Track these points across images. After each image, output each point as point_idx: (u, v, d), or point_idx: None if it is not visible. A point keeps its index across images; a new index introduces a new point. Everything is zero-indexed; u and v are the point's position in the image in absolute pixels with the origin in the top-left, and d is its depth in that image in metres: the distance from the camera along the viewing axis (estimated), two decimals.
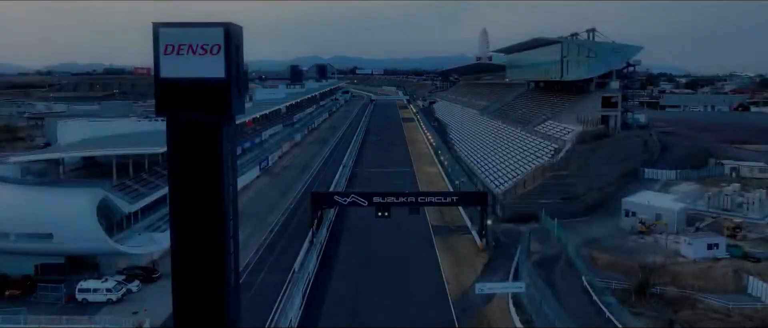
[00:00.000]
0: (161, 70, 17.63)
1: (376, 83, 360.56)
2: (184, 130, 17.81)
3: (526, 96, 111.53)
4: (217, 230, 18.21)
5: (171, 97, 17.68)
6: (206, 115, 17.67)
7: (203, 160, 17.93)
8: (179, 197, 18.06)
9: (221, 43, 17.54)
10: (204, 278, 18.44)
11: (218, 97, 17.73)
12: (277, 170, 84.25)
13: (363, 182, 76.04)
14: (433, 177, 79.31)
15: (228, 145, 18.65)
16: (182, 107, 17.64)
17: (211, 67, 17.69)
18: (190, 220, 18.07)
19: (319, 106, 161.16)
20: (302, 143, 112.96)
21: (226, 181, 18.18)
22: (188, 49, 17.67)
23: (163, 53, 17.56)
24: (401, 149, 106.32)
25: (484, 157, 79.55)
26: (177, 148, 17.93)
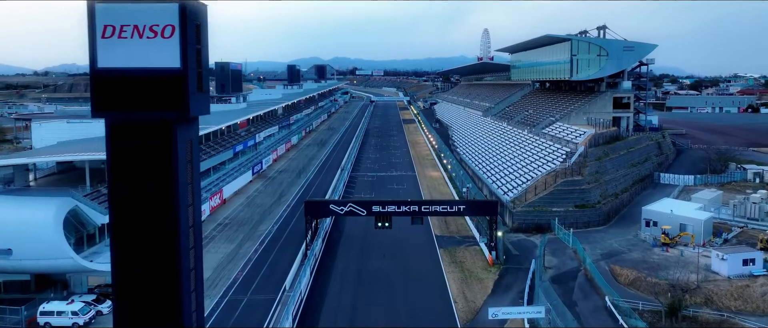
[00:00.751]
0: (98, 59, 13.59)
1: (376, 84, 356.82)
2: (128, 135, 13.76)
3: (532, 97, 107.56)
4: (169, 262, 14.20)
5: (111, 92, 13.62)
6: (156, 116, 13.64)
7: (152, 175, 13.88)
8: (122, 221, 14.03)
9: (175, 24, 13.47)
10: (154, 324, 14.47)
11: (171, 92, 13.65)
12: (272, 174, 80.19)
13: (362, 186, 72.03)
14: (436, 182, 75.27)
15: (184, 153, 14.56)
16: (125, 106, 13.57)
17: (163, 55, 13.62)
18: (136, 251, 14.05)
19: (318, 108, 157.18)
20: (299, 146, 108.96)
21: (181, 200, 14.11)
22: (133, 31, 13.58)
23: (100, 37, 13.52)
24: (402, 152, 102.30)
25: (489, 162, 75.51)
26: (119, 159, 13.87)
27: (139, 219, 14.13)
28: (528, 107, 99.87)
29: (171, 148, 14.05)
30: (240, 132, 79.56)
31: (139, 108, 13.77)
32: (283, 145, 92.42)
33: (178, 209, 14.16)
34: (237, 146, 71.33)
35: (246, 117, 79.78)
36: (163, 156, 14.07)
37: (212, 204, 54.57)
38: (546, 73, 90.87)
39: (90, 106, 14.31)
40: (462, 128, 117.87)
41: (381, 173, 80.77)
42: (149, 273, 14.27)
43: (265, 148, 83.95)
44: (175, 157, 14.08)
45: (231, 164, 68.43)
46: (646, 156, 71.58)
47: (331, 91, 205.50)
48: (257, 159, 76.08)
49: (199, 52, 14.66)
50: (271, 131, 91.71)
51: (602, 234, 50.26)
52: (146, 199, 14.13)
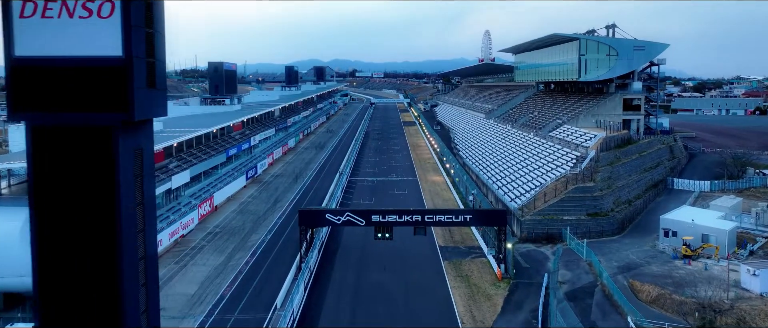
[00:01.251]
0: (15, 44, 10.35)
1: (375, 86, 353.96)
2: (55, 142, 10.49)
3: (536, 98, 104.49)
4: (109, 309, 11.09)
5: (32, 88, 10.30)
6: (91, 119, 10.44)
7: (86, 193, 10.75)
8: (47, 254, 10.89)
9: (115, 0, 10.38)
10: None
11: (111, 88, 10.46)
12: (267, 178, 77.03)
13: (362, 192, 68.87)
14: (438, 187, 72.10)
15: (130, 166, 11.32)
16: (51, 105, 10.25)
17: (100, 40, 10.27)
18: (64, 292, 10.95)
19: (316, 110, 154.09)
20: (297, 149, 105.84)
21: (124, 226, 10.94)
22: (61, 8, 10.35)
23: (17, 15, 10.34)
24: (403, 155, 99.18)
25: (494, 166, 72.36)
26: (44, 173, 10.64)
27: (68, 250, 10.87)
28: (532, 109, 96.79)
29: (111, 160, 10.78)
30: (234, 135, 76.44)
31: (69, 108, 10.46)
32: (280, 148, 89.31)
33: (119, 237, 10.95)
34: (230, 150, 68.19)
35: (240, 119, 76.65)
36: (100, 170, 10.77)
37: (201, 212, 51.42)
38: (552, 74, 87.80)
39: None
40: (464, 131, 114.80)
41: (381, 178, 77.63)
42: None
43: (261, 152, 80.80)
44: (116, 171, 10.79)
45: (224, 169, 65.30)
46: (658, 160, 68.45)
47: (329, 92, 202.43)
48: (252, 163, 72.92)
49: (150, 38, 11.36)
50: (267, 134, 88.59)
51: (617, 245, 47.11)
52: (80, 224, 10.89)
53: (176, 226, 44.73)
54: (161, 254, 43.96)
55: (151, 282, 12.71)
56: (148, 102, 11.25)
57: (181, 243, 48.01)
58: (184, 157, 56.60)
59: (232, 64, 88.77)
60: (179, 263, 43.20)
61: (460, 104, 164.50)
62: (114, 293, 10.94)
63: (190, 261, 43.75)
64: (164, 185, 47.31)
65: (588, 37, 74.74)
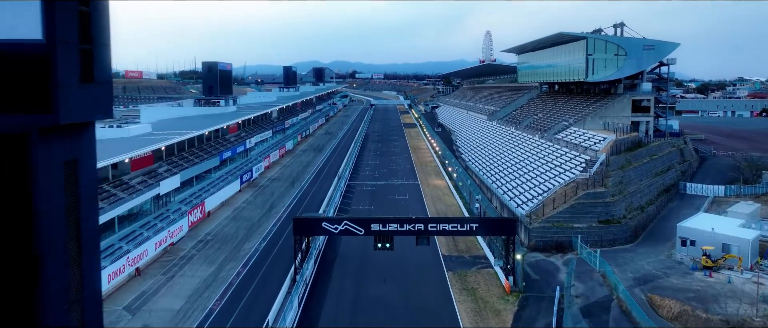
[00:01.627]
0: None
1: (376, 88, 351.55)
2: None
3: (540, 100, 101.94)
4: None
5: None
6: (3, 123, 7.82)
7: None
8: None
9: None
10: None
11: (27, 82, 7.86)
12: (264, 182, 74.45)
13: (361, 197, 66.27)
14: (440, 191, 69.51)
15: (58, 182, 8.84)
16: None
17: (15, 20, 7.82)
18: None
19: (315, 111, 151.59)
20: (294, 151, 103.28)
21: (47, 260, 8.43)
22: None
23: None
24: (404, 158, 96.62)
25: (498, 169, 69.79)
26: None
27: None
28: (537, 111, 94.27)
29: (25, 176, 8.07)
30: (229, 137, 73.88)
31: None
32: (277, 151, 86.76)
33: (39, 278, 8.30)
34: (224, 153, 65.59)
35: (235, 121, 74.03)
36: (13, 190, 8.07)
37: (192, 219, 48.83)
38: (557, 75, 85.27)
39: None
40: (466, 133, 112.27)
41: (381, 182, 75.03)
42: None
43: (257, 155, 78.21)
44: (33, 191, 8.12)
45: (217, 173, 62.73)
46: (669, 164, 65.88)
47: (329, 94, 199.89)
48: (247, 167, 70.35)
49: (86, 18, 8.74)
50: (263, 136, 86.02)
51: (631, 254, 44.52)
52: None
53: (164, 234, 42.15)
54: (148, 264, 41.41)
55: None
56: (83, 101, 8.55)
57: (170, 252, 45.45)
58: (174, 161, 54.02)
59: (227, 64, 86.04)
60: (167, 274, 40.62)
61: (461, 106, 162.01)
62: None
63: (178, 272, 41.16)
64: (152, 191, 44.72)
65: (596, 36, 72.24)
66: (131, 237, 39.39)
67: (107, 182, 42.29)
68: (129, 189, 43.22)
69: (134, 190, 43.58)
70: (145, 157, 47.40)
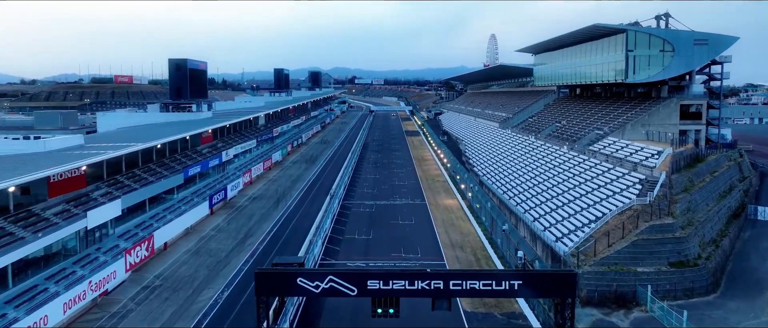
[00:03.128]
0: None
1: (376, 94, 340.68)
2: None
3: (560, 105, 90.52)
4: None
5: None
6: None
7: None
8: None
9: None
10: None
11: None
12: (243, 202, 62.87)
13: (356, 221, 54.73)
14: (453, 215, 57.93)
15: None
16: None
17: None
18: None
19: (310, 118, 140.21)
20: (284, 163, 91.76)
21: None
22: None
23: None
24: (407, 172, 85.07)
25: (522, 187, 58.29)
26: None
27: None
28: (558, 118, 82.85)
29: None
30: (201, 149, 62.32)
31: None
32: (261, 163, 75.09)
33: None
34: (192, 168, 53.97)
35: (206, 129, 62.25)
36: None
37: (134, 259, 37.24)
38: (587, 76, 73.61)
39: None
40: (476, 142, 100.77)
41: (381, 201, 63.45)
42: None
43: (235, 169, 66.51)
44: None
45: (180, 194, 51.16)
46: (730, 182, 54.38)
47: (326, 99, 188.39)
48: (220, 184, 58.77)
49: None
50: (245, 147, 74.42)
51: (720, 311, 32.97)
52: None
53: (82, 286, 30.60)
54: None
55: None
56: None
57: (100, 305, 33.91)
58: (119, 182, 42.45)
59: (200, 62, 74.12)
60: None
61: (467, 112, 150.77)
62: None
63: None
64: (74, 224, 33.17)
65: (638, 28, 60.75)
66: (28, 296, 27.78)
67: (5, 215, 30.75)
68: (40, 223, 31.67)
69: (49, 224, 32.02)
70: (73, 179, 35.87)
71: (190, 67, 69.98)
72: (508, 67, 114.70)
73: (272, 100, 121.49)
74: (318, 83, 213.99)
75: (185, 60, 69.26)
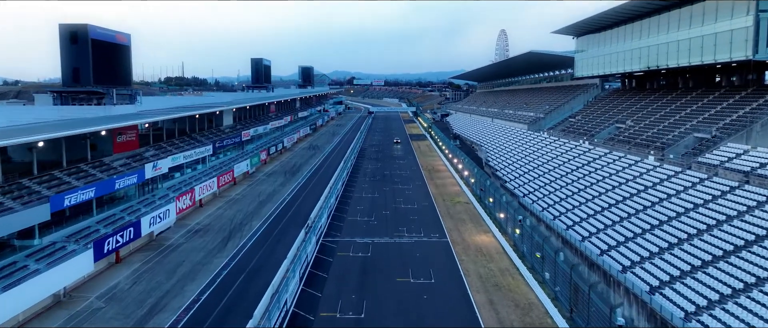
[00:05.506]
0: None
1: (376, 95, 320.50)
2: None
3: (616, 100, 70.00)
4: None
5: None
6: None
7: None
8: None
9: None
10: None
11: None
12: (173, 241, 42.16)
13: (341, 279, 34.12)
14: (495, 266, 37.11)
15: None
16: None
17: None
18: None
19: (298, 119, 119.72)
20: (255, 176, 71.15)
21: None
22: None
23: None
24: (416, 188, 64.37)
25: (602, 221, 37.64)
26: None
27: None
28: (611, 117, 62.36)
29: None
30: (113, 161, 41.57)
31: None
32: (214, 179, 54.25)
33: None
34: (70, 194, 33.11)
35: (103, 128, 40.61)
36: None
37: None
38: (677, 55, 52.13)
39: None
40: (501, 148, 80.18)
41: (380, 238, 42.77)
42: None
43: (165, 194, 45.45)
44: None
45: (48, 237, 30.40)
46: None
47: (318, 97, 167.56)
48: (132, 216, 37.95)
49: None
50: (192, 156, 53.70)
51: None
52: None
53: None
54: None
55: None
56: None
57: None
58: None
59: (115, 32, 52.01)
60: None
61: (480, 113, 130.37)
62: None
63: None
64: None
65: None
66: None
67: None
68: None
69: None
70: None
71: (95, 37, 47.79)
72: (540, 54, 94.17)
73: (244, 97, 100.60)
74: (310, 81, 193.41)
75: (85, 26, 47.30)
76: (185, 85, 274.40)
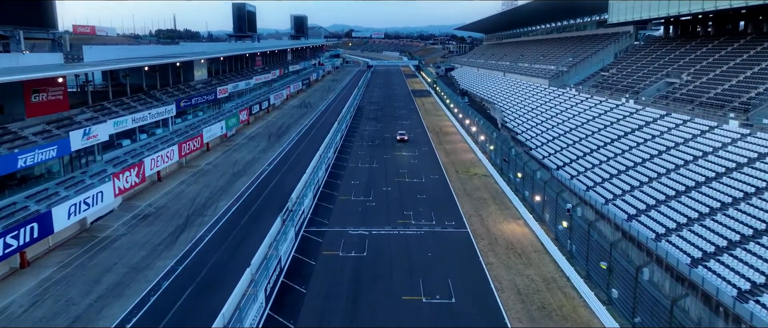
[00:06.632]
0: None
1: (375, 48, 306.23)
2: None
3: (658, 51, 59.21)
4: None
5: None
6: None
7: None
8: None
9: None
10: None
11: None
12: (101, 237, 32.54)
13: (326, 293, 24.59)
14: (534, 272, 27.52)
15: None
16: None
17: None
18: None
19: (289, 74, 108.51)
20: (233, 141, 61.11)
21: None
22: None
23: None
24: (423, 155, 54.39)
25: (687, 212, 27.76)
26: None
27: None
28: (656, 70, 51.77)
29: None
30: (14, 129, 31.41)
31: None
32: (175, 146, 44.11)
33: None
34: None
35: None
36: None
37: None
38: None
39: None
40: (519, 107, 69.70)
41: (380, 229, 33.05)
42: None
43: (107, 166, 35.43)
44: None
45: None
46: None
47: (313, 49, 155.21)
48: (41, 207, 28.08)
49: None
50: (147, 118, 43.40)
51: None
52: None
53: None
54: None
55: None
56: None
57: None
58: None
59: None
60: None
61: (489, 66, 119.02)
62: None
63: None
64: None
65: None
66: None
67: None
68: None
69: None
70: None
71: None
72: (566, 3, 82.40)
73: (221, 47, 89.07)
74: (303, 32, 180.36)
75: None
76: (177, 39, 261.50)
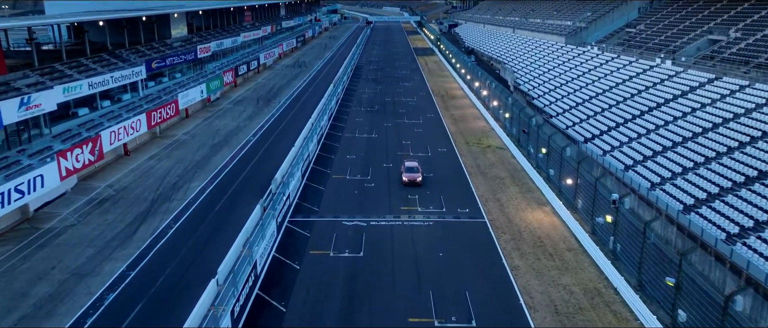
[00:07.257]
0: None
1: (375, 4, 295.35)
2: None
3: (689, 3, 52.62)
4: None
5: None
6: None
7: None
8: None
9: None
10: None
11: None
12: (44, 229, 27.23)
13: (309, 316, 19.34)
14: (570, 279, 22.29)
15: None
16: None
17: None
18: None
19: (283, 30, 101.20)
20: (217, 106, 55.19)
21: None
22: None
23: None
24: (428, 124, 48.62)
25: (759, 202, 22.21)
26: None
27: None
28: (694, 26, 45.39)
29: None
30: None
31: None
32: (142, 115, 38.25)
33: None
34: None
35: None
36: None
37: None
38: None
39: None
40: (533, 68, 63.35)
41: (378, 219, 27.68)
42: None
43: (53, 142, 29.61)
44: None
45: None
46: None
47: (308, 3, 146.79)
48: None
49: None
50: (107, 83, 37.41)
51: None
52: None
53: None
54: None
55: None
56: None
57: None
58: None
59: None
60: None
61: (496, 22, 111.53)
62: None
63: None
64: None
65: None
66: None
67: None
68: None
69: None
70: None
71: None
72: None
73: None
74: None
75: None
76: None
